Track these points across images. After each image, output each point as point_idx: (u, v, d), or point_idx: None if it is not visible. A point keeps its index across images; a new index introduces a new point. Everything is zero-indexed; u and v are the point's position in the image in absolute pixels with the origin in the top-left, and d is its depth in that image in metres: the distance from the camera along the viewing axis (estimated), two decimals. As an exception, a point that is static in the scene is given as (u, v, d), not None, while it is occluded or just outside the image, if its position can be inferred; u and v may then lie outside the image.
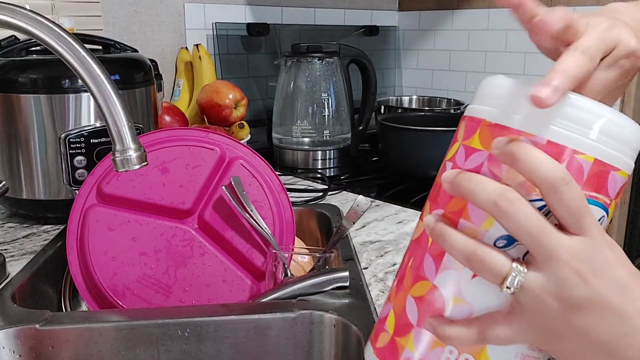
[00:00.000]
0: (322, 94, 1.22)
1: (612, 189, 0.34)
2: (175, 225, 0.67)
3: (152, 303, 0.65)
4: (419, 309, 0.37)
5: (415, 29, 1.84)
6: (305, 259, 0.72)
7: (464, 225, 0.34)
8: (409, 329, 0.37)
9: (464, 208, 0.35)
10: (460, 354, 0.36)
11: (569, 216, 0.32)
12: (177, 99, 1.39)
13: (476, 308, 0.35)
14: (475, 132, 0.35)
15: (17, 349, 0.55)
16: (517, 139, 0.33)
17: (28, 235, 0.82)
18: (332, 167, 1.24)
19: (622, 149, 0.34)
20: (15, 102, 0.81)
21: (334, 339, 0.57)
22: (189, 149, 0.69)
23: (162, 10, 1.35)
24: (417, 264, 0.37)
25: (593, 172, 0.33)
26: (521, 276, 0.32)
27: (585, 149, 0.33)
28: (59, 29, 0.50)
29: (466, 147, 0.36)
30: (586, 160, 0.33)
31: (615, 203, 0.35)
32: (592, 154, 0.33)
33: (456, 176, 0.34)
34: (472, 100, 0.38)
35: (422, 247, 0.37)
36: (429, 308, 0.36)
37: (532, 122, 0.33)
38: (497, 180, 0.33)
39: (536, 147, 0.32)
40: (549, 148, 0.33)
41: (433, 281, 0.36)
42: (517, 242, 0.33)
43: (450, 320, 0.35)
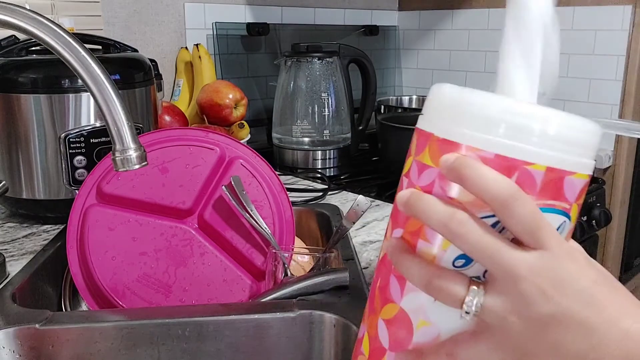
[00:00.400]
0: (322, 93, 1.22)
1: (570, 193, 0.33)
2: (175, 224, 0.67)
3: (152, 303, 0.65)
4: (389, 332, 0.36)
5: (415, 29, 1.84)
6: (305, 259, 0.72)
7: (422, 246, 0.34)
8: (383, 353, 0.37)
9: (421, 228, 0.34)
10: None
11: (524, 231, 0.31)
12: (177, 99, 1.39)
13: (443, 330, 0.34)
14: (426, 147, 0.34)
15: (17, 348, 0.55)
16: (464, 156, 0.32)
17: (28, 235, 0.82)
18: (332, 167, 1.24)
19: (576, 151, 0.32)
20: (15, 102, 0.81)
21: (333, 338, 0.57)
22: (189, 149, 0.69)
23: (162, 10, 1.35)
24: (384, 285, 0.37)
25: (547, 181, 0.32)
26: (479, 298, 0.31)
27: (535, 159, 0.32)
28: (59, 29, 0.50)
29: (418, 162, 0.35)
30: (537, 170, 0.32)
31: (577, 205, 0.34)
32: (543, 163, 0.32)
33: (409, 197, 0.33)
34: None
35: (387, 268, 0.37)
36: (399, 331, 0.36)
37: (479, 135, 0.32)
38: (449, 198, 0.32)
39: (485, 162, 0.31)
40: (497, 162, 0.32)
41: (399, 304, 0.35)
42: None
43: (419, 350, 0.34)
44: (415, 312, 0.35)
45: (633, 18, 1.38)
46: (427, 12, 1.80)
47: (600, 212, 1.28)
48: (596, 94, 1.47)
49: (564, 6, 1.49)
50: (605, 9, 1.42)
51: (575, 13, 1.47)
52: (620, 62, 1.42)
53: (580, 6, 1.46)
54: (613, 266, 1.57)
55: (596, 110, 1.47)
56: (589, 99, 1.48)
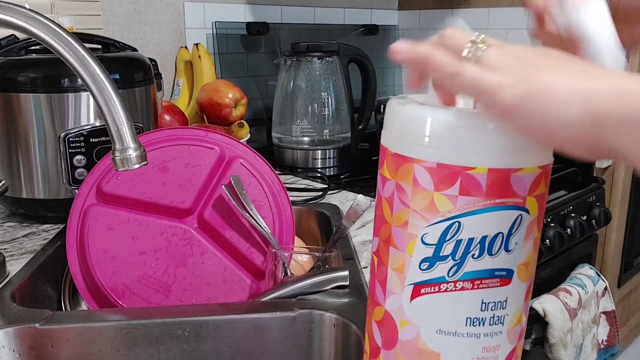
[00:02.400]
0: (322, 93, 1.22)
1: (519, 188, 0.34)
2: (175, 224, 0.67)
3: (152, 302, 0.65)
4: (380, 332, 0.39)
5: (415, 28, 1.84)
6: (305, 258, 0.72)
7: (393, 252, 0.37)
8: (378, 352, 0.40)
9: (389, 236, 0.37)
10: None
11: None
12: (176, 98, 1.39)
13: (421, 327, 0.37)
14: (384, 161, 0.37)
15: (17, 348, 0.55)
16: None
17: (28, 235, 0.82)
18: (331, 167, 1.24)
19: (517, 149, 0.34)
20: (14, 102, 0.81)
21: (333, 338, 0.57)
22: (189, 148, 0.69)
23: (162, 10, 1.35)
24: (372, 290, 0.40)
25: (491, 181, 0.34)
26: (482, 45, 0.33)
27: (474, 163, 0.33)
28: (59, 28, 0.50)
29: (381, 175, 0.38)
30: (479, 173, 0.33)
31: (536, 196, 0.35)
32: (484, 165, 0.33)
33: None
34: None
35: (373, 274, 0.40)
36: (387, 331, 0.38)
37: (422, 148, 0.35)
38: (405, 206, 0.36)
39: (430, 172, 0.34)
40: (440, 170, 0.34)
41: (384, 306, 0.38)
42: (439, 262, 0.35)
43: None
44: (397, 313, 0.38)
45: (633, 17, 1.38)
46: (427, 12, 1.80)
47: (600, 212, 1.28)
48: (596, 94, 1.47)
49: (563, 5, 1.49)
50: (605, 9, 1.42)
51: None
52: (620, 62, 1.41)
53: (580, 5, 1.46)
54: (613, 266, 1.57)
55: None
56: (589, 99, 1.48)
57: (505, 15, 1.59)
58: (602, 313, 1.26)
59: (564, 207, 1.20)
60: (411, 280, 0.37)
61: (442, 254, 0.35)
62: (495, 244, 0.35)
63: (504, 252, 0.35)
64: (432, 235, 0.35)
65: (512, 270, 0.36)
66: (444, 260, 0.35)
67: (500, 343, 0.38)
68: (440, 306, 0.36)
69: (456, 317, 0.36)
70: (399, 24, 1.88)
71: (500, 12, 1.59)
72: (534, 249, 0.37)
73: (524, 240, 0.36)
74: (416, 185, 0.36)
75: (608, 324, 1.28)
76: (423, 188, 0.35)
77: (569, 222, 1.20)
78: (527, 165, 0.34)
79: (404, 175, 0.36)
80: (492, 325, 0.37)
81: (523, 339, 0.40)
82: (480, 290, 0.36)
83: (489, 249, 0.35)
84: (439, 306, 0.36)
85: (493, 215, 0.34)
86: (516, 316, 0.38)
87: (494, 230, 0.35)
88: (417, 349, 0.37)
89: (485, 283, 0.36)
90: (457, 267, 0.35)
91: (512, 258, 0.36)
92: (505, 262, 0.36)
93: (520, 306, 0.38)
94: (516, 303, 0.37)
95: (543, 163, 0.35)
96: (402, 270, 0.37)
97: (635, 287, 1.76)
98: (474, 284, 0.36)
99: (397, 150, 0.36)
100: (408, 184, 0.36)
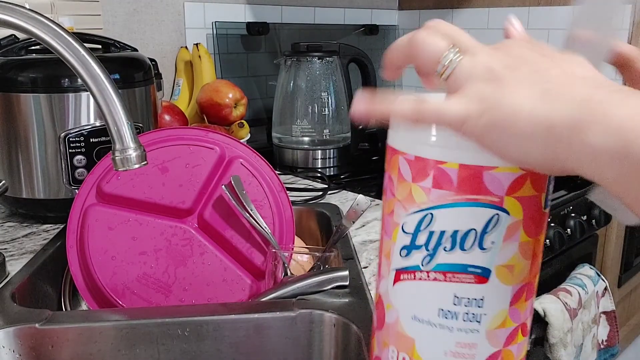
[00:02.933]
0: (322, 93, 1.22)
1: (494, 186, 0.35)
2: (175, 224, 0.67)
3: (152, 302, 0.65)
4: (376, 314, 0.43)
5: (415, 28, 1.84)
6: (305, 258, 0.72)
7: (384, 239, 0.41)
8: (374, 332, 0.43)
9: (383, 224, 0.41)
10: (399, 352, 0.40)
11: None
12: (176, 98, 1.39)
13: (400, 311, 0.39)
14: (386, 154, 0.41)
15: (17, 348, 0.55)
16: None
17: (28, 235, 0.82)
18: (331, 167, 1.24)
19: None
20: (14, 102, 0.81)
21: (333, 338, 0.57)
22: (189, 148, 0.69)
23: (162, 9, 1.35)
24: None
25: (462, 177, 0.35)
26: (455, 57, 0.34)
27: (446, 158, 0.35)
28: (59, 28, 0.50)
29: (385, 170, 0.41)
30: (451, 168, 0.35)
31: (516, 197, 0.35)
32: (455, 161, 0.35)
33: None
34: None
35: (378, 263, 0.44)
36: (379, 312, 0.42)
37: (404, 140, 0.38)
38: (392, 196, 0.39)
39: (409, 164, 0.37)
40: (417, 163, 0.36)
41: (378, 289, 0.42)
42: (414, 251, 0.37)
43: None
44: (385, 296, 0.41)
45: (633, 17, 1.38)
46: (427, 11, 1.80)
47: (600, 212, 1.28)
48: (596, 94, 1.47)
49: (563, 5, 1.49)
50: (605, 9, 1.42)
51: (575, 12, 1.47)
52: (620, 62, 1.42)
53: (580, 5, 1.46)
54: (613, 265, 1.57)
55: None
56: (589, 99, 1.48)
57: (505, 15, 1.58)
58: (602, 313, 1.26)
59: (564, 207, 1.20)
60: (394, 265, 0.39)
61: (417, 243, 0.37)
62: (468, 239, 0.36)
63: (477, 249, 0.36)
64: (410, 224, 0.37)
65: (489, 269, 0.37)
66: (418, 249, 0.37)
67: (477, 342, 0.38)
68: (415, 293, 0.38)
69: (429, 307, 0.38)
70: (399, 24, 1.88)
71: (500, 12, 1.59)
72: (520, 253, 0.37)
73: (503, 241, 0.36)
74: (400, 176, 0.38)
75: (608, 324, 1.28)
76: (404, 179, 0.38)
77: (569, 222, 1.20)
78: (503, 165, 0.34)
79: (392, 167, 0.39)
80: (466, 321, 0.37)
81: (517, 346, 0.40)
82: (452, 284, 0.37)
83: (461, 244, 0.36)
84: (415, 293, 0.38)
85: (465, 210, 0.35)
86: (498, 318, 0.38)
87: (466, 225, 0.36)
88: (397, 332, 0.40)
89: (458, 277, 0.37)
90: (429, 258, 0.37)
91: (489, 257, 0.36)
92: (480, 260, 0.36)
93: (503, 309, 0.38)
94: (497, 304, 0.38)
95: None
96: (388, 256, 0.40)
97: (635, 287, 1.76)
98: (446, 277, 0.37)
99: (389, 143, 0.39)
100: (395, 174, 0.39)
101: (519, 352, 0.40)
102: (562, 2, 1.49)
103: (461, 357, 0.38)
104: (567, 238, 1.17)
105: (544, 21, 1.52)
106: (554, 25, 1.51)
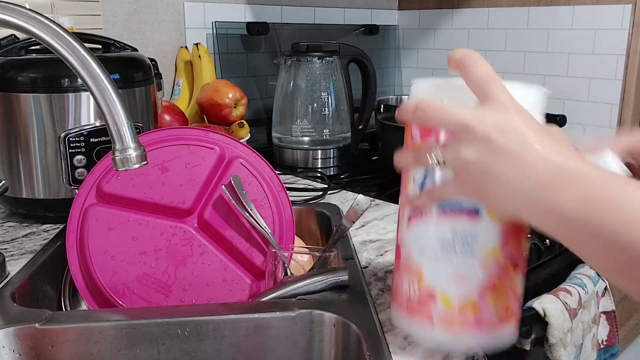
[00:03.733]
0: (322, 93, 1.22)
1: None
2: (174, 224, 0.67)
3: (152, 302, 0.65)
4: (395, 262, 0.53)
5: (415, 28, 1.84)
6: (305, 258, 0.72)
7: (401, 196, 0.51)
8: (394, 275, 0.53)
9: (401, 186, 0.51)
10: (410, 280, 0.49)
11: (477, 87, 0.42)
12: (176, 98, 1.39)
13: (412, 248, 0.49)
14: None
15: (17, 348, 0.55)
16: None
17: (28, 235, 0.82)
18: (331, 166, 1.24)
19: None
20: (14, 101, 0.81)
21: (333, 338, 0.57)
22: (189, 148, 0.69)
23: (162, 9, 1.35)
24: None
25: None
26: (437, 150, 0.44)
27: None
28: (59, 28, 0.50)
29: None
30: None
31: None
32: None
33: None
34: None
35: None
36: (397, 258, 0.52)
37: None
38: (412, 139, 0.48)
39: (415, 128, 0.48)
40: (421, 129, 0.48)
41: (397, 242, 0.52)
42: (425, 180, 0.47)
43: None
44: (401, 242, 0.51)
45: (633, 17, 1.38)
46: (427, 12, 1.80)
47: (600, 212, 1.27)
48: (596, 94, 1.47)
49: (563, 5, 1.49)
50: (605, 8, 1.42)
51: (575, 12, 1.47)
52: (620, 62, 1.42)
53: (580, 5, 1.46)
54: (613, 265, 1.57)
55: (596, 109, 1.47)
56: (589, 99, 1.48)
57: (505, 15, 1.59)
58: (602, 313, 1.26)
59: (564, 207, 1.20)
60: (407, 212, 0.50)
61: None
62: None
63: None
64: (418, 176, 0.48)
65: (478, 208, 0.45)
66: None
67: (472, 270, 0.46)
68: (422, 232, 0.48)
69: (433, 241, 0.47)
70: (399, 24, 1.88)
71: (500, 12, 1.59)
72: None
73: None
74: (411, 139, 0.48)
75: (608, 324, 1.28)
76: (414, 142, 0.48)
77: (569, 222, 1.19)
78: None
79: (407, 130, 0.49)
80: (463, 253, 0.46)
81: (509, 279, 0.48)
82: (452, 220, 0.46)
83: None
84: (422, 232, 0.48)
85: None
86: (490, 250, 0.46)
87: None
88: (409, 265, 0.50)
89: (456, 215, 0.46)
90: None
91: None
92: (472, 201, 0.45)
93: (494, 243, 0.46)
94: (488, 239, 0.46)
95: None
96: (403, 207, 0.50)
97: (635, 287, 1.75)
98: (445, 213, 0.46)
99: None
100: (408, 137, 0.49)
101: (511, 284, 0.48)
102: (562, 2, 1.49)
103: (459, 284, 0.47)
104: (567, 238, 1.16)
105: (544, 21, 1.52)
106: (554, 25, 1.51)
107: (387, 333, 0.55)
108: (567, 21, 1.48)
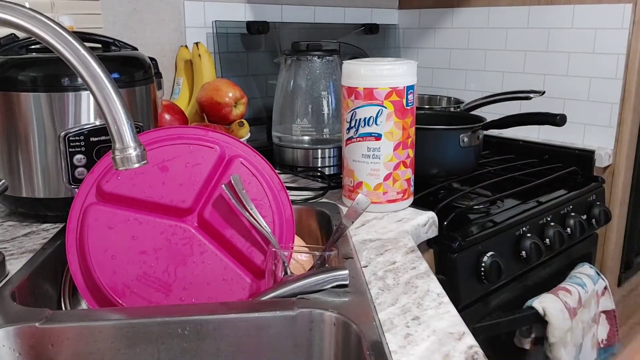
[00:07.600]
0: (322, 92, 1.22)
1: (378, 96, 0.88)
2: (174, 223, 0.67)
3: (152, 301, 0.65)
4: (343, 167, 0.99)
5: (415, 27, 1.84)
6: (304, 258, 0.72)
7: (342, 130, 0.98)
8: (343, 179, 1.00)
9: (341, 122, 0.96)
10: (348, 178, 0.96)
11: None
12: (176, 97, 1.39)
13: (348, 159, 0.96)
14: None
15: (17, 347, 0.55)
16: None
17: (27, 234, 0.82)
18: (332, 166, 1.24)
19: (378, 78, 0.90)
20: (14, 101, 0.81)
21: (333, 337, 0.57)
22: (189, 147, 0.69)
23: (162, 9, 1.35)
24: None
25: (365, 93, 0.89)
26: None
27: (357, 85, 0.89)
28: (59, 27, 0.50)
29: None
30: (359, 89, 0.90)
31: (390, 101, 0.88)
32: (361, 86, 0.89)
33: None
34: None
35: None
36: (343, 166, 0.98)
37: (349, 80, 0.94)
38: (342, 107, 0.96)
39: (347, 89, 0.91)
40: (349, 88, 0.92)
41: (343, 155, 0.98)
42: (351, 129, 0.93)
43: None
44: (344, 155, 0.99)
45: (633, 16, 1.38)
46: (427, 11, 1.80)
47: (600, 211, 1.28)
48: (596, 93, 1.47)
49: (564, 4, 1.49)
50: (606, 7, 1.42)
51: (575, 11, 1.47)
52: (620, 61, 1.42)
53: (580, 4, 1.46)
54: (613, 265, 1.57)
55: (596, 109, 1.47)
56: (589, 98, 1.48)
57: (505, 14, 1.59)
58: (602, 312, 1.26)
59: (563, 206, 1.20)
60: (344, 138, 0.94)
61: (351, 125, 0.91)
62: (370, 121, 0.89)
63: (375, 125, 0.89)
64: (347, 117, 0.91)
65: (381, 134, 0.89)
66: (352, 128, 0.91)
67: (379, 168, 0.91)
68: (353, 149, 0.92)
69: (358, 153, 0.91)
70: (399, 23, 1.88)
71: (501, 11, 1.59)
72: (395, 126, 0.89)
73: (386, 120, 0.88)
74: (343, 97, 0.92)
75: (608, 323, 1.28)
76: (345, 97, 0.92)
77: (569, 221, 1.19)
78: (380, 87, 0.87)
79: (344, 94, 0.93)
80: (374, 158, 0.90)
81: (401, 172, 0.92)
82: (366, 142, 0.90)
83: (368, 123, 0.89)
84: (353, 149, 0.92)
85: (367, 108, 0.88)
86: (388, 157, 0.90)
87: (369, 115, 0.89)
88: (348, 168, 0.94)
89: (368, 139, 0.90)
90: (356, 130, 0.91)
91: (380, 128, 0.89)
92: (376, 130, 0.89)
93: (390, 152, 0.90)
94: (386, 150, 0.90)
95: (391, 86, 0.87)
96: (343, 135, 0.94)
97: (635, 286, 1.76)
98: (364, 139, 0.90)
99: (344, 84, 0.92)
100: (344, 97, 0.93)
101: (403, 175, 0.92)
102: (563, 1, 1.49)
103: (373, 176, 0.91)
104: (567, 237, 1.17)
105: (544, 20, 1.52)
106: (554, 25, 1.51)
107: (387, 332, 0.55)
108: (568, 20, 1.48)
